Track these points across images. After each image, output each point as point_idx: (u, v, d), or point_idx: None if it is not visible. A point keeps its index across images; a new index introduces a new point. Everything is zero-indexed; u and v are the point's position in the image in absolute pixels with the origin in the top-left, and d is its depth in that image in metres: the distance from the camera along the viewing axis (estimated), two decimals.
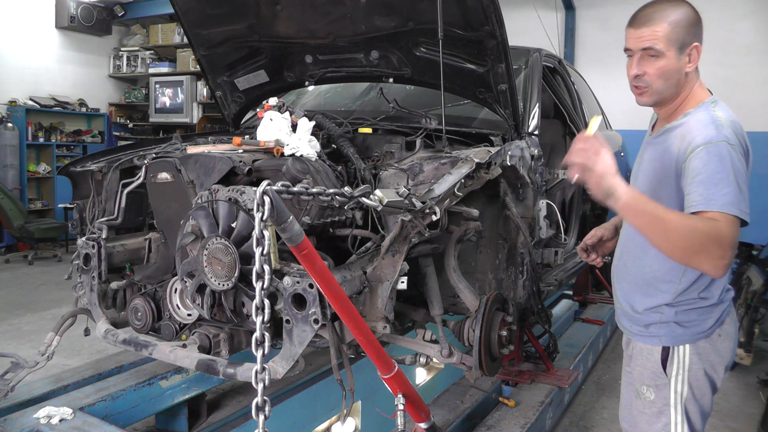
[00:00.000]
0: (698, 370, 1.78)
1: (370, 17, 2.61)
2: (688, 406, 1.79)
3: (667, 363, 1.80)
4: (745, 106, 6.83)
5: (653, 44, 1.68)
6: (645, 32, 1.69)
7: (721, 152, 1.58)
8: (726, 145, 1.59)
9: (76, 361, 4.13)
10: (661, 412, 1.82)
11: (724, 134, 1.61)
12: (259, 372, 1.49)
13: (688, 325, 1.77)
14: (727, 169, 1.56)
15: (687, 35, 1.68)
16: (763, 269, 4.49)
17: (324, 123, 2.63)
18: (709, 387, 1.81)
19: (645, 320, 1.83)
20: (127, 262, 2.54)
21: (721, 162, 1.57)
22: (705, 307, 1.76)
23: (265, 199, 1.38)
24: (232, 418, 3.17)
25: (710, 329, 1.77)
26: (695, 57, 1.72)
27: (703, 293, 1.75)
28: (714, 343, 1.78)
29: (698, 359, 1.77)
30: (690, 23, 1.69)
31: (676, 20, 1.67)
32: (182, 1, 2.95)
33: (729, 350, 1.82)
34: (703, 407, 1.82)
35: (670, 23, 1.67)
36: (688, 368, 1.78)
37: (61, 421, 2.39)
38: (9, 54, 8.60)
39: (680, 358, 1.78)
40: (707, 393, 1.81)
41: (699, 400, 1.80)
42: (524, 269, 2.65)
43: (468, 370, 2.15)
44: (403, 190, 1.81)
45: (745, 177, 1.59)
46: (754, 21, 6.68)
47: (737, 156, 1.58)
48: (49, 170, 8.83)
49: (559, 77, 3.87)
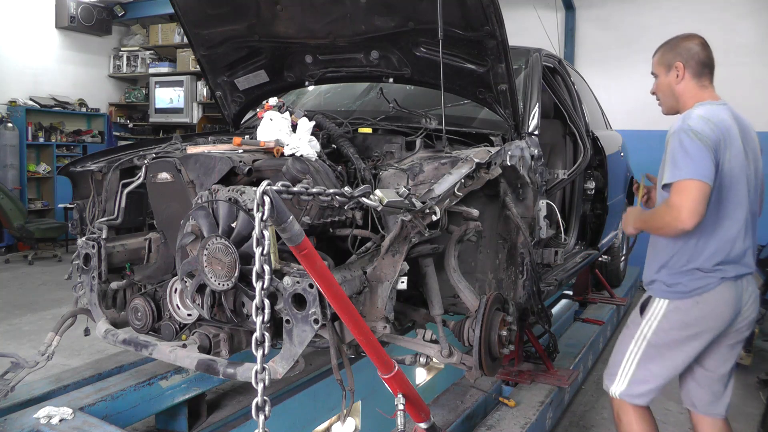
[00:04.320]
0: (667, 324, 2.19)
1: (370, 17, 2.62)
2: (648, 348, 2.23)
3: (644, 309, 2.27)
4: (745, 106, 6.76)
5: (653, 70, 2.33)
6: (653, 61, 2.33)
7: (681, 137, 2.04)
8: (682, 131, 2.04)
9: (76, 361, 4.13)
10: (625, 342, 2.31)
11: (688, 124, 2.06)
12: (259, 372, 1.50)
13: (673, 285, 2.18)
14: (680, 150, 2.02)
15: (671, 56, 2.25)
16: (763, 269, 4.49)
17: (324, 123, 2.63)
18: (678, 345, 2.19)
19: (649, 279, 2.30)
20: (127, 262, 2.54)
21: (680, 144, 2.03)
22: (691, 271, 2.14)
23: (265, 199, 1.38)
24: (232, 418, 3.18)
25: (690, 293, 2.15)
26: (681, 72, 2.23)
27: (692, 261, 2.14)
28: (689, 308, 2.15)
29: (671, 315, 2.18)
30: (672, 47, 2.27)
31: (664, 48, 2.30)
32: (182, 1, 2.95)
33: (705, 320, 2.15)
34: (664, 358, 2.22)
35: (660, 52, 2.31)
36: (659, 319, 2.21)
37: (61, 421, 2.39)
38: (9, 54, 8.61)
39: (655, 308, 2.22)
40: (673, 348, 2.20)
41: (659, 348, 2.22)
42: (524, 269, 2.65)
43: (468, 370, 2.15)
44: (403, 190, 1.81)
45: (701, 150, 2.00)
46: (754, 21, 6.68)
47: (693, 138, 2.01)
48: (49, 170, 8.83)
49: (559, 77, 3.86)
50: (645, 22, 7.11)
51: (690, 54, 2.22)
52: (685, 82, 2.23)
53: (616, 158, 4.48)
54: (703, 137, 2.02)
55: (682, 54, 2.23)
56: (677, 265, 2.18)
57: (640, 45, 7.17)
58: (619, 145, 4.85)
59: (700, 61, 2.23)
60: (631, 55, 6.83)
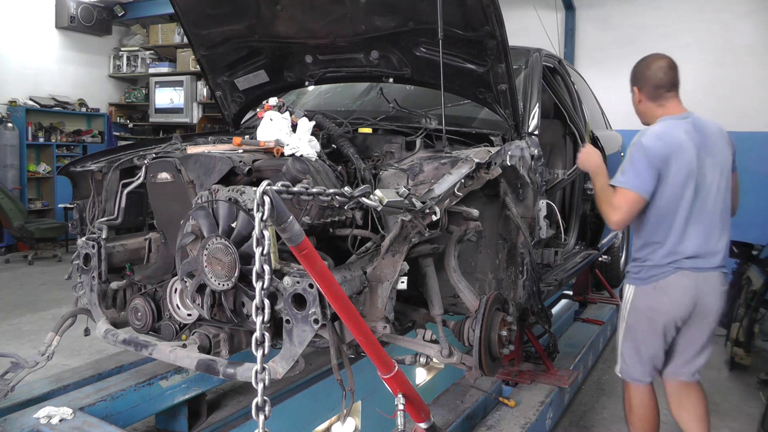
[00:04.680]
0: (636, 307, 2.55)
1: (370, 17, 2.61)
2: (627, 330, 2.61)
3: (622, 295, 2.68)
4: (745, 106, 6.83)
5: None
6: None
7: (631, 150, 2.44)
8: (636, 147, 2.42)
9: (76, 361, 4.13)
10: (619, 327, 2.69)
11: (641, 141, 2.42)
12: (259, 372, 1.50)
13: (636, 274, 2.56)
14: (628, 161, 2.42)
15: (631, 80, 2.59)
16: (763, 269, 4.48)
17: (324, 123, 2.63)
18: (648, 327, 2.53)
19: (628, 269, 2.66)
20: (127, 262, 2.54)
21: (630, 156, 2.43)
22: (646, 265, 2.51)
23: (265, 199, 1.38)
24: (232, 418, 3.18)
25: (647, 280, 2.50)
26: (638, 95, 2.56)
27: (648, 256, 2.51)
28: (650, 293, 2.51)
29: (637, 299, 2.55)
30: (633, 71, 2.58)
31: (632, 70, 2.60)
32: (182, 1, 2.95)
33: (665, 305, 2.47)
34: (637, 339, 2.57)
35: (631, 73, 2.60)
36: (630, 302, 2.58)
37: (61, 421, 2.39)
38: (9, 54, 8.60)
39: (627, 293, 2.61)
40: (645, 330, 2.54)
41: (633, 331, 2.58)
42: (524, 269, 2.65)
43: (468, 370, 2.15)
44: (403, 190, 1.81)
45: (647, 166, 2.36)
46: (754, 21, 6.68)
47: (639, 154, 2.38)
48: (49, 170, 8.83)
49: (559, 77, 3.86)
50: (645, 22, 7.11)
51: (645, 79, 2.51)
52: (643, 103, 2.56)
53: (616, 158, 4.47)
54: (651, 154, 2.37)
55: (638, 79, 2.54)
56: (639, 258, 2.55)
57: (640, 45, 7.15)
58: (619, 145, 4.85)
59: (656, 84, 2.49)
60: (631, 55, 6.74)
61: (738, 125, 6.82)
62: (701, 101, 6.90)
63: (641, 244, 2.54)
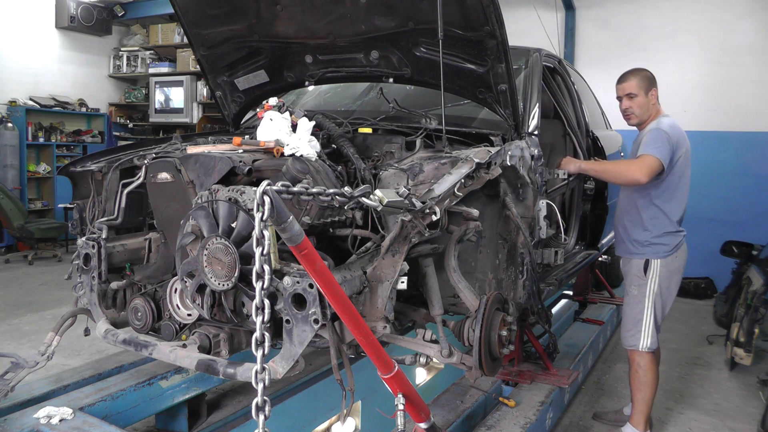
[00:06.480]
0: (663, 275, 3.11)
1: (370, 17, 2.61)
2: (656, 299, 3.12)
3: (646, 270, 3.13)
4: (745, 106, 6.84)
5: (632, 90, 3.14)
6: (626, 85, 3.17)
7: (656, 132, 3.03)
8: (659, 129, 3.03)
9: (76, 361, 4.13)
10: (639, 301, 3.16)
11: (661, 127, 3.04)
12: (259, 372, 1.50)
13: (661, 247, 3.11)
14: (656, 139, 3.00)
15: (648, 84, 3.15)
16: (763, 269, 4.49)
17: (324, 123, 2.62)
18: (668, 289, 3.15)
19: (638, 245, 3.16)
20: (127, 262, 2.54)
21: (654, 136, 3.02)
22: (670, 235, 3.11)
23: (265, 199, 1.38)
24: (232, 418, 3.18)
25: (672, 250, 3.12)
26: (655, 96, 3.17)
27: (667, 229, 3.10)
28: (671, 261, 3.12)
29: (664, 269, 3.11)
30: (646, 77, 3.16)
31: (639, 77, 3.15)
32: (182, 1, 2.95)
33: (680, 267, 3.17)
34: (664, 302, 3.17)
35: (637, 80, 3.14)
36: (659, 274, 3.11)
37: (61, 421, 2.39)
38: (9, 54, 8.61)
39: (654, 267, 3.12)
40: (666, 293, 3.15)
41: (662, 296, 3.14)
42: (524, 269, 2.65)
43: (468, 370, 2.14)
44: (403, 190, 1.81)
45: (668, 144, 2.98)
46: (754, 21, 6.67)
47: (665, 135, 2.99)
48: (49, 170, 8.83)
49: (559, 77, 3.87)
50: (645, 22, 7.11)
51: (656, 83, 3.18)
52: (655, 102, 3.19)
53: (616, 158, 4.48)
54: (671, 136, 3.01)
55: (654, 83, 3.17)
56: (660, 233, 3.10)
57: (640, 45, 7.17)
58: (619, 145, 4.85)
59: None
60: (631, 55, 6.82)
61: (738, 125, 6.84)
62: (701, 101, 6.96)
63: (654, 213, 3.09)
